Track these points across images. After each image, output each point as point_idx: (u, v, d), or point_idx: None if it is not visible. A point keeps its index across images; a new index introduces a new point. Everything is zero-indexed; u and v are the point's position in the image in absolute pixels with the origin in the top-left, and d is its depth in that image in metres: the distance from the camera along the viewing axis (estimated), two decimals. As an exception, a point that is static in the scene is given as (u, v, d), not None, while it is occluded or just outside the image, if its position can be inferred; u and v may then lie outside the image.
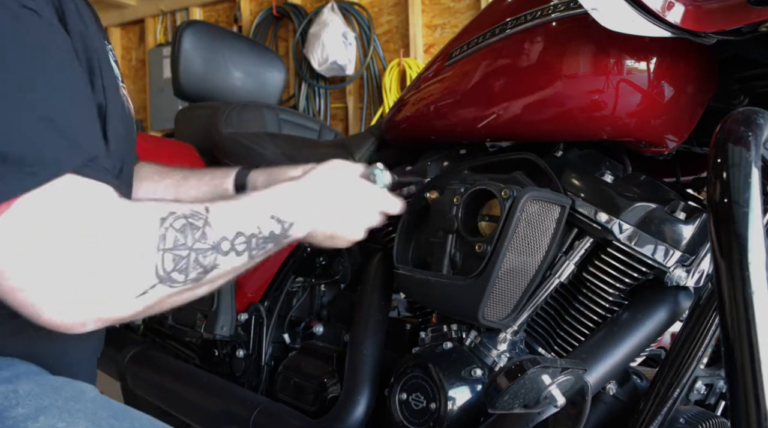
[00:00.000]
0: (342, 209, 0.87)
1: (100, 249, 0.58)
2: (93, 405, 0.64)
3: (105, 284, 0.58)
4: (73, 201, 0.58)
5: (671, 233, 0.83)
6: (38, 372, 0.68)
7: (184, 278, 0.64)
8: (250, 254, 0.72)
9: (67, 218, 0.57)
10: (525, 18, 0.88)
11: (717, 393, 0.91)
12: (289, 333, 1.31)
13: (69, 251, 0.57)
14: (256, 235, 0.72)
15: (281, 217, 0.77)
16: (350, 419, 0.98)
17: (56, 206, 0.57)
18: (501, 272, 0.84)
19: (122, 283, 0.59)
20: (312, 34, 3.62)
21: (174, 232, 0.63)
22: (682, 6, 0.71)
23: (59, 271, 0.56)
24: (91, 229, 0.58)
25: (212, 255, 0.66)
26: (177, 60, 1.66)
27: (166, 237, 0.62)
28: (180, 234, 0.63)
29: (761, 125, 0.61)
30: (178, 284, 0.63)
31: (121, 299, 0.60)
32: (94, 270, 0.57)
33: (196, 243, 0.64)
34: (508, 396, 0.69)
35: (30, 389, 0.63)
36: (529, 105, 0.89)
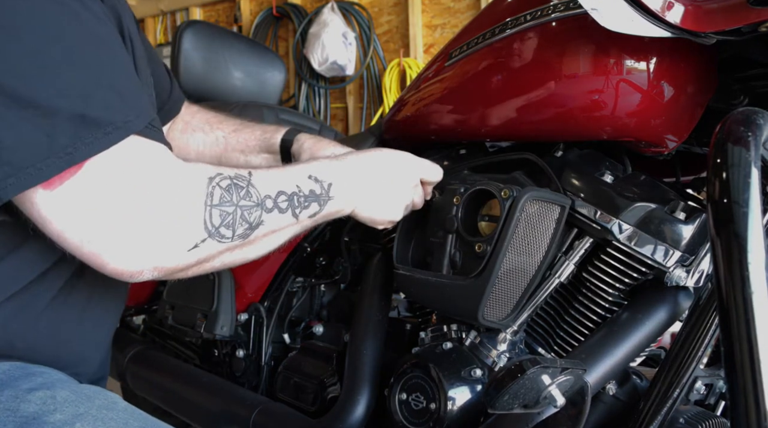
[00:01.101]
0: (382, 180, 0.89)
1: (157, 205, 0.63)
2: (124, 415, 0.68)
3: (160, 237, 0.63)
4: (137, 161, 0.63)
5: (671, 233, 0.83)
6: (69, 380, 0.71)
7: (232, 234, 0.68)
8: (294, 212, 0.76)
9: (131, 176, 0.62)
10: (525, 18, 0.88)
11: (717, 393, 0.91)
12: (289, 333, 1.31)
13: (131, 206, 0.62)
14: (297, 193, 0.76)
15: (319, 177, 0.80)
16: (350, 419, 0.98)
17: (122, 166, 0.62)
18: (501, 272, 0.84)
19: (175, 236, 0.64)
20: (312, 34, 3.62)
21: (220, 190, 0.67)
22: (681, 6, 0.71)
23: (122, 225, 0.61)
24: (150, 186, 0.63)
25: (257, 212, 0.71)
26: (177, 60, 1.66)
27: (213, 195, 0.67)
28: (226, 192, 0.68)
29: (761, 125, 0.61)
30: (226, 239, 0.68)
31: (175, 251, 0.65)
32: (151, 224, 0.63)
33: (241, 201, 0.69)
34: (508, 396, 0.69)
35: (66, 396, 0.66)
36: (529, 105, 0.89)
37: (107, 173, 0.61)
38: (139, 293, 1.58)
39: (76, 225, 0.60)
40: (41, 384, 0.67)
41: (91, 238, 0.61)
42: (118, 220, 0.61)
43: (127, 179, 0.62)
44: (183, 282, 1.39)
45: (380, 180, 0.88)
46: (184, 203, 0.65)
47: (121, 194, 0.61)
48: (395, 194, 0.90)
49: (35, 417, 0.62)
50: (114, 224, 0.61)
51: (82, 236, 0.61)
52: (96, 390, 0.71)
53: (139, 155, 0.63)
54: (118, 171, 0.61)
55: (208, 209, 0.66)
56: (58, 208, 0.60)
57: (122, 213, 0.61)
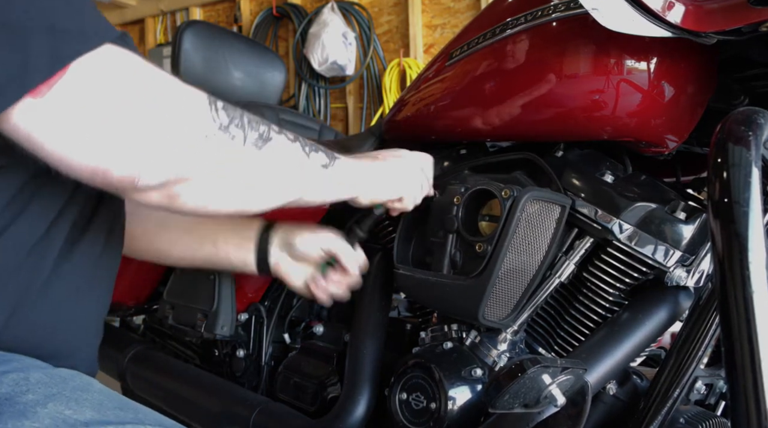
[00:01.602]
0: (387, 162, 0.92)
1: (157, 100, 0.60)
2: (99, 396, 0.66)
3: (168, 129, 0.61)
4: (122, 64, 0.60)
5: (671, 233, 0.83)
6: (45, 366, 0.69)
7: (243, 137, 0.67)
8: (303, 148, 0.75)
9: (120, 77, 0.59)
10: (525, 18, 0.88)
11: (717, 393, 0.91)
12: (289, 333, 1.31)
13: (128, 105, 0.59)
14: (304, 143, 0.76)
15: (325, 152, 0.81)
16: (350, 419, 0.98)
17: (108, 68, 0.59)
18: (501, 272, 0.85)
19: (185, 125, 0.62)
20: (312, 34, 3.62)
21: (222, 102, 0.67)
22: (682, 6, 0.71)
23: (125, 120, 0.58)
24: (145, 84, 0.60)
25: (264, 126, 0.70)
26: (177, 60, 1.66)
27: (216, 102, 0.66)
28: (228, 106, 0.67)
29: (761, 125, 0.61)
30: (238, 140, 0.66)
31: (187, 142, 0.62)
32: (156, 115, 0.60)
33: (246, 115, 0.68)
34: (509, 396, 0.69)
35: (40, 378, 0.65)
36: (529, 105, 0.89)
37: (97, 74, 0.58)
38: (139, 293, 1.58)
39: (72, 133, 0.57)
40: (15, 368, 0.65)
41: (89, 144, 0.58)
42: (117, 118, 0.58)
43: (120, 78, 0.59)
44: (183, 282, 1.39)
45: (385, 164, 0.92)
46: (187, 100, 0.63)
47: (117, 92, 0.58)
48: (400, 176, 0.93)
49: (7, 398, 0.61)
50: (113, 123, 0.58)
51: (80, 144, 0.57)
52: (71, 373, 0.69)
53: (126, 61, 0.61)
54: (108, 72, 0.59)
55: (214, 109, 0.64)
56: (50, 118, 0.56)
57: (121, 111, 0.58)
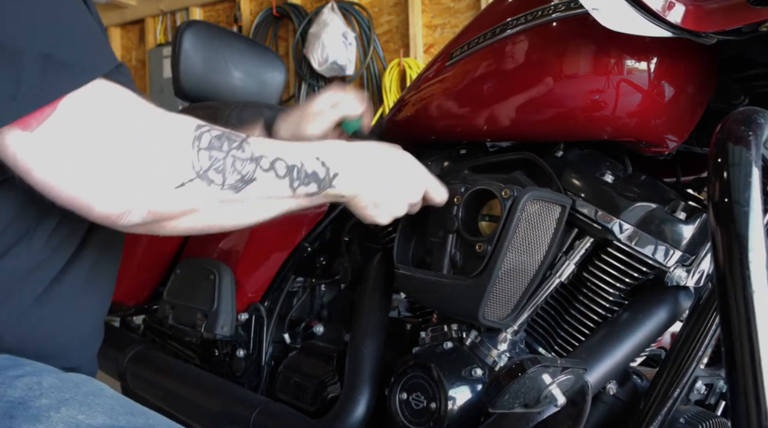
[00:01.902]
0: (389, 176, 0.86)
1: (141, 142, 0.62)
2: (111, 401, 0.67)
3: (146, 175, 0.62)
4: (111, 101, 0.62)
5: (671, 233, 0.83)
6: (56, 370, 0.70)
7: (222, 181, 0.66)
8: (292, 184, 0.72)
9: (111, 115, 0.61)
10: (525, 18, 0.88)
11: (717, 393, 0.91)
12: (289, 333, 1.31)
13: (114, 143, 0.60)
14: (298, 167, 0.73)
15: (326, 162, 0.77)
16: (350, 419, 0.98)
17: (100, 105, 0.60)
18: (501, 272, 0.84)
19: (161, 173, 0.63)
20: (312, 34, 3.62)
21: (210, 136, 0.65)
22: (682, 6, 0.71)
23: (106, 162, 0.60)
24: (133, 124, 0.62)
25: (251, 165, 0.68)
26: (177, 60, 1.66)
27: (201, 138, 0.65)
28: (216, 140, 0.66)
29: (761, 125, 0.61)
30: (216, 185, 0.66)
31: (162, 189, 0.63)
32: (135, 160, 0.61)
33: (233, 151, 0.67)
34: (509, 396, 0.69)
35: (52, 382, 0.66)
36: (529, 105, 0.89)
37: (85, 112, 0.59)
38: (139, 293, 1.58)
39: (58, 168, 0.59)
40: (28, 372, 0.66)
41: (75, 180, 0.60)
42: (102, 158, 0.60)
43: (107, 117, 0.61)
44: (183, 282, 1.39)
45: (386, 179, 0.86)
46: (169, 141, 0.63)
47: (103, 131, 0.60)
48: (397, 196, 0.88)
49: (21, 402, 0.62)
50: (97, 162, 0.60)
51: (66, 179, 0.60)
52: (83, 378, 0.71)
53: (113, 96, 0.62)
54: (96, 110, 0.60)
55: (196, 150, 0.64)
56: (38, 151, 0.58)
57: (105, 150, 0.60)
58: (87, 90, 0.59)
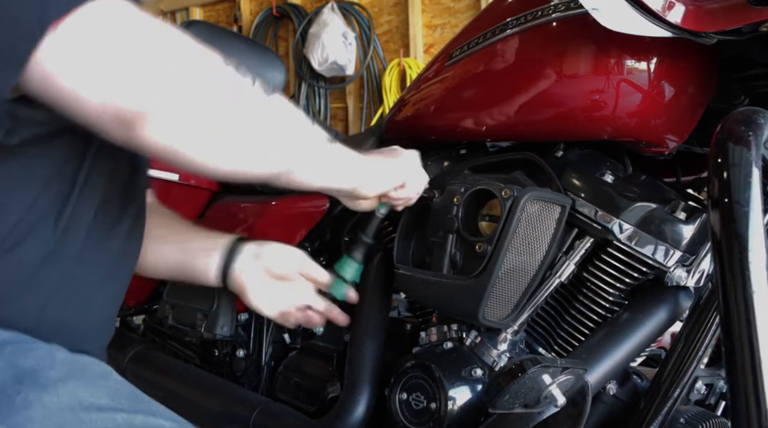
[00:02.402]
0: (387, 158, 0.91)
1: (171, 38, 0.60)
2: (116, 385, 0.69)
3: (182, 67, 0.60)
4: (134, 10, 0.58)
5: (671, 233, 0.83)
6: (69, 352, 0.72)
7: (252, 80, 0.67)
8: (308, 117, 0.80)
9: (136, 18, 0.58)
10: (525, 18, 0.88)
11: (717, 393, 0.91)
12: (289, 333, 1.31)
13: (142, 39, 0.58)
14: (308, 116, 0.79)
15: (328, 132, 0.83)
16: (350, 419, 0.98)
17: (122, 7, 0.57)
18: (501, 272, 0.84)
19: (197, 65, 0.61)
20: (312, 34, 3.63)
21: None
22: (682, 6, 0.71)
23: (135, 58, 0.57)
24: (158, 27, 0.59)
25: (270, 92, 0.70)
26: (177, 60, 1.65)
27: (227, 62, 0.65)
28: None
29: (761, 125, 0.61)
30: (248, 81, 0.66)
31: (201, 75, 0.62)
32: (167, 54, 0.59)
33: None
34: (509, 396, 0.69)
35: (64, 358, 0.68)
36: (529, 105, 0.89)
37: (110, 12, 0.56)
38: (139, 293, 1.58)
39: (85, 63, 0.55)
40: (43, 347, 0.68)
41: (103, 76, 0.56)
42: (133, 50, 0.57)
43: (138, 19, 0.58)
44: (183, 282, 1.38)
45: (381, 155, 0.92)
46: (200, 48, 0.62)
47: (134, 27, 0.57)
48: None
49: (31, 371, 0.64)
50: (129, 56, 0.57)
51: (94, 77, 0.56)
52: (92, 360, 0.72)
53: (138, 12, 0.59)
54: (122, 11, 0.57)
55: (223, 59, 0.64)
56: (64, 50, 0.54)
57: (137, 43, 0.57)
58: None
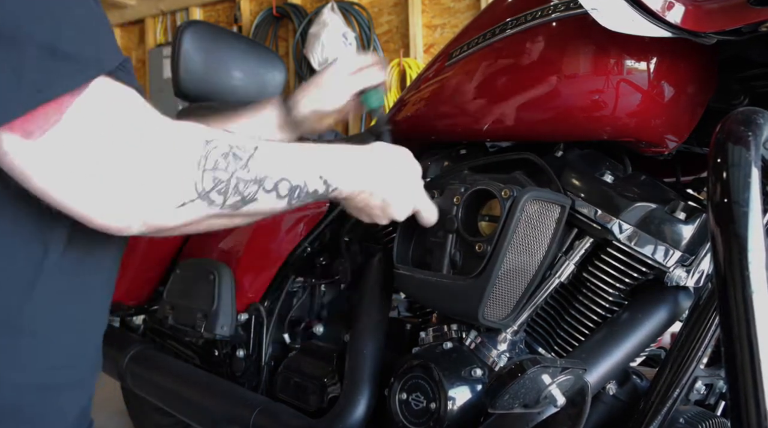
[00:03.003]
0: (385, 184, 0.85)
1: (147, 158, 0.60)
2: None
3: (148, 192, 0.61)
4: (118, 108, 0.59)
5: (671, 233, 0.83)
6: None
7: (222, 202, 0.66)
8: (290, 202, 0.74)
9: (114, 126, 0.59)
10: (525, 18, 0.88)
11: (717, 393, 0.91)
12: (289, 333, 1.31)
13: (117, 160, 0.59)
14: (301, 187, 0.74)
15: (329, 180, 0.77)
16: (350, 419, 0.98)
17: (103, 114, 0.58)
18: (501, 272, 0.84)
19: (163, 192, 0.62)
20: (312, 34, 3.62)
21: (217, 155, 0.65)
22: (682, 6, 0.71)
23: (110, 178, 0.59)
24: (138, 137, 0.60)
25: (253, 187, 0.68)
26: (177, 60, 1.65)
27: (208, 158, 0.64)
28: (222, 159, 0.65)
29: (761, 125, 0.61)
30: (216, 205, 0.66)
31: (162, 207, 0.62)
32: (139, 178, 0.60)
33: (238, 171, 0.66)
34: (509, 396, 0.69)
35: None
36: (529, 105, 0.89)
37: (91, 121, 0.57)
38: (139, 293, 1.58)
39: (61, 179, 0.58)
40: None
41: (76, 192, 0.58)
42: (105, 172, 0.59)
43: (114, 128, 0.59)
44: (183, 282, 1.39)
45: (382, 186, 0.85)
46: (175, 159, 0.62)
47: (109, 144, 0.58)
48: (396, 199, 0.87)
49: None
50: (100, 176, 0.59)
51: (68, 191, 0.58)
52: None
53: (123, 104, 0.60)
54: (102, 119, 0.58)
55: (201, 171, 0.63)
56: (40, 161, 0.56)
57: (109, 164, 0.59)
58: (93, 95, 0.57)
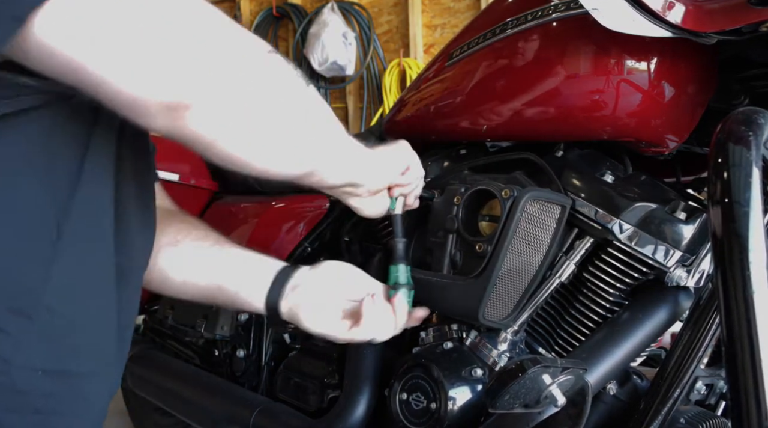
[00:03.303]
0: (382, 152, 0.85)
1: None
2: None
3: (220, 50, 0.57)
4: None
5: (671, 233, 0.83)
6: None
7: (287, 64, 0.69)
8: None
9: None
10: (525, 18, 0.88)
11: (717, 393, 0.91)
12: (289, 333, 1.31)
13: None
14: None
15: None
16: (350, 419, 0.98)
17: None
18: (501, 272, 0.84)
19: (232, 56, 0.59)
20: (312, 34, 3.63)
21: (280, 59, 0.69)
22: (682, 6, 0.71)
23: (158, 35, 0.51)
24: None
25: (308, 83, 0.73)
26: (177, 60, 1.66)
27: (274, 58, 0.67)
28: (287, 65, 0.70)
29: (762, 125, 0.61)
30: (284, 64, 0.69)
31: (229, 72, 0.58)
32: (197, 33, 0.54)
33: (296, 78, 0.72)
34: (509, 396, 0.69)
35: None
36: (529, 105, 0.89)
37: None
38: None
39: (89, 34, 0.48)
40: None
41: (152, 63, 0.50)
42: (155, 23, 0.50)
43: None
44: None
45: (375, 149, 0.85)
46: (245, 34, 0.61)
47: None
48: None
49: None
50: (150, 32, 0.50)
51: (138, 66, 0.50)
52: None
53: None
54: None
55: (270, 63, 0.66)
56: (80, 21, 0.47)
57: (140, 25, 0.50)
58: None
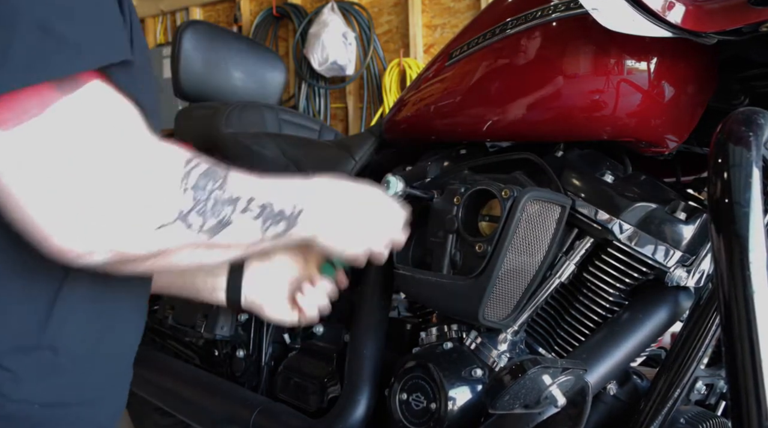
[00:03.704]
0: (354, 211, 0.84)
1: (128, 174, 0.55)
2: None
3: (125, 210, 0.55)
4: (105, 116, 0.54)
5: (671, 233, 0.83)
6: None
7: (201, 224, 0.62)
8: (263, 226, 0.70)
9: (97, 134, 0.53)
10: (525, 18, 0.88)
11: (717, 393, 0.91)
12: (289, 333, 1.31)
13: (95, 170, 0.53)
14: (268, 207, 0.71)
15: (293, 199, 0.74)
16: (350, 419, 0.98)
17: (88, 119, 0.53)
18: (501, 273, 0.84)
19: (143, 211, 0.56)
20: (312, 34, 3.62)
21: (197, 173, 0.61)
22: (682, 6, 0.71)
23: (84, 188, 0.52)
24: (121, 150, 0.55)
25: (229, 208, 0.65)
26: (177, 60, 1.65)
27: (190, 175, 0.60)
28: (203, 178, 0.62)
29: (762, 125, 0.61)
30: (193, 229, 0.61)
31: (140, 229, 0.57)
32: (116, 194, 0.54)
33: (216, 191, 0.63)
34: (509, 396, 0.69)
35: None
36: (529, 105, 0.89)
37: (73, 127, 0.52)
38: (139, 293, 1.58)
39: (24, 181, 0.50)
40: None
41: (39, 200, 0.51)
42: (77, 181, 0.52)
43: (97, 136, 0.53)
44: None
45: (352, 215, 0.83)
46: (158, 177, 0.57)
47: (86, 153, 0.52)
48: (366, 231, 0.85)
49: None
50: (70, 186, 0.52)
51: (30, 196, 0.51)
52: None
53: (111, 111, 0.55)
54: (85, 127, 0.52)
55: (182, 190, 0.59)
56: (7, 151, 0.50)
57: (83, 174, 0.52)
58: (82, 97, 0.52)
